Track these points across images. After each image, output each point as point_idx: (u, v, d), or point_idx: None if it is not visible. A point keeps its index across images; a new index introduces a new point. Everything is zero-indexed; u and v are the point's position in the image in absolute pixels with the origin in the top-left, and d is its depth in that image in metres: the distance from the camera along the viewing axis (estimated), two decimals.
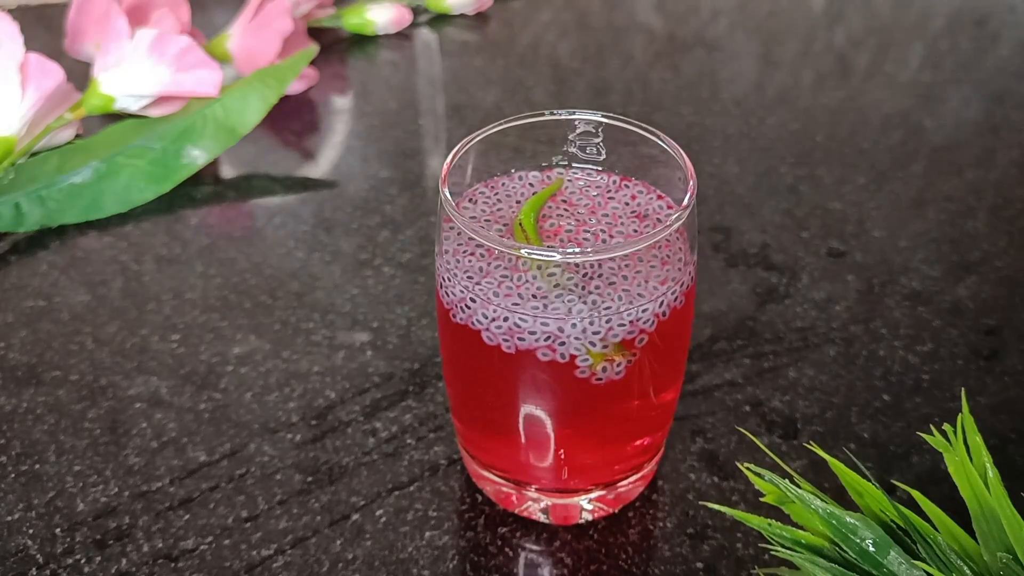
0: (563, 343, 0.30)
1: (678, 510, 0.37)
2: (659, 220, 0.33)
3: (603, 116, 0.34)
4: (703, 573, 0.35)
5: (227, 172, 0.57)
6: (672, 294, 0.31)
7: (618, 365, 0.31)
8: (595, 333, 0.30)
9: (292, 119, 0.62)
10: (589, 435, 0.34)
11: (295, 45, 0.63)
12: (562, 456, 0.34)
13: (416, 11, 0.72)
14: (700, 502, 0.37)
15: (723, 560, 0.36)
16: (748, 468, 0.29)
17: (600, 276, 0.30)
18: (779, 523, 0.28)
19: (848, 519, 0.28)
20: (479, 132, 0.33)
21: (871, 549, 0.27)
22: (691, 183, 0.31)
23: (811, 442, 0.40)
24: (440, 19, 0.73)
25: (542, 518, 0.37)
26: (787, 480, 0.29)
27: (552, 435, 0.34)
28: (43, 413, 0.42)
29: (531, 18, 0.73)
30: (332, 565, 0.35)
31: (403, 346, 0.45)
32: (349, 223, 0.53)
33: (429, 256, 0.50)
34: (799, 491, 0.28)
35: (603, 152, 0.35)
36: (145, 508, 0.38)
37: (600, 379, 0.31)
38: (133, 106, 0.55)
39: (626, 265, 0.31)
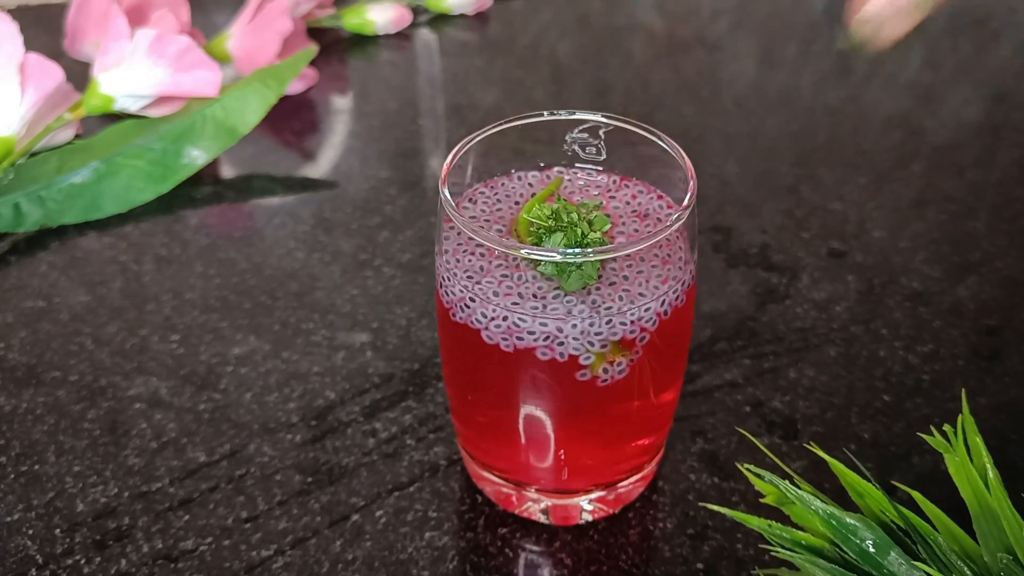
0: (562, 343, 0.30)
1: (678, 511, 0.37)
2: (659, 220, 0.33)
3: (603, 116, 0.34)
4: (703, 574, 0.35)
5: (227, 172, 0.57)
6: (674, 293, 0.31)
7: (619, 365, 0.31)
8: (596, 334, 0.30)
9: (292, 119, 0.62)
10: (589, 435, 0.34)
11: (295, 45, 0.62)
12: (562, 456, 0.34)
13: (416, 11, 0.72)
14: (700, 503, 0.37)
15: (723, 561, 0.36)
16: (748, 469, 0.29)
17: (601, 276, 0.30)
18: (779, 524, 0.28)
19: (848, 520, 0.28)
20: (479, 132, 0.33)
21: (871, 550, 0.27)
22: (691, 183, 0.31)
23: (811, 443, 0.40)
24: (440, 19, 0.73)
25: (542, 519, 0.37)
26: (787, 481, 0.29)
27: (552, 435, 0.34)
28: (43, 413, 0.42)
29: (531, 18, 0.73)
30: (332, 566, 0.35)
31: (403, 346, 0.45)
32: (349, 223, 0.53)
33: (429, 256, 0.50)
34: (799, 492, 0.28)
35: (603, 152, 0.35)
36: (145, 508, 0.38)
37: (605, 381, 0.31)
38: (133, 106, 0.55)
39: (628, 265, 0.31)
